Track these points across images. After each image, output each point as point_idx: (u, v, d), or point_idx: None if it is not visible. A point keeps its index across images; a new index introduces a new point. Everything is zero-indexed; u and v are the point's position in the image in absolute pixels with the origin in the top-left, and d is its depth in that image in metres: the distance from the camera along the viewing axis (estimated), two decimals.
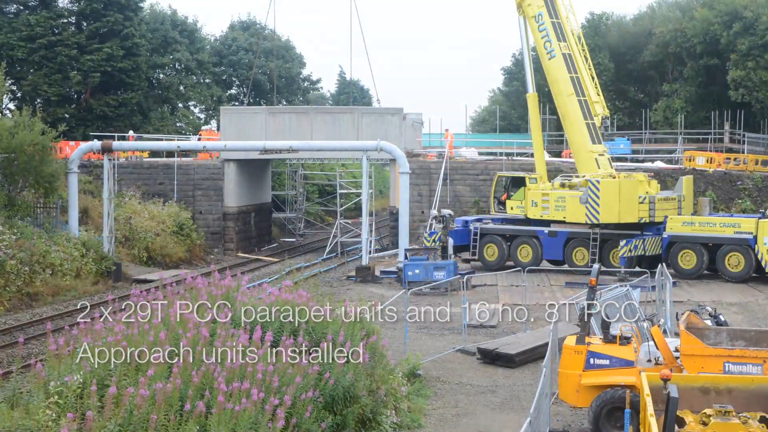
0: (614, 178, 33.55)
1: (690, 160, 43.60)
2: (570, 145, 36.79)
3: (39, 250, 30.91)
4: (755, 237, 30.92)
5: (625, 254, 31.79)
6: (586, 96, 34.64)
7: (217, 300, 15.08)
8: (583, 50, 35.70)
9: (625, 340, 15.17)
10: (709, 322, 15.94)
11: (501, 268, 33.32)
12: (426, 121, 55.40)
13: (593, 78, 35.45)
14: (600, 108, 34.86)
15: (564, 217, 33.85)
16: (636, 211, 32.66)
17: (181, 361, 12.04)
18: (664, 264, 27.49)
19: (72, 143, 43.82)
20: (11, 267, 28.96)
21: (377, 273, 35.38)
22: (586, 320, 15.74)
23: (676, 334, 16.17)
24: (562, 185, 34.97)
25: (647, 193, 33.38)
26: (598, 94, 35.25)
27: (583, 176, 34.06)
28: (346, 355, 13.79)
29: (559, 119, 43.79)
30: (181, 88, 67.94)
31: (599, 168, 34.04)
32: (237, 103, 75.73)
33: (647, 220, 32.85)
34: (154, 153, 47.63)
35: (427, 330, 25.03)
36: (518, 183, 36.41)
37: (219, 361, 12.36)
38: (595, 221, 32.54)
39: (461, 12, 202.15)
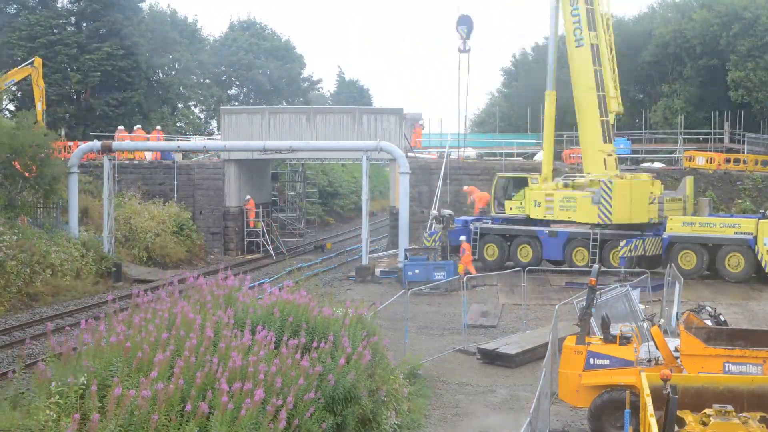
0: (622, 179, 33.57)
1: (690, 160, 43.58)
2: (580, 140, 36.51)
3: (39, 251, 30.90)
4: (755, 237, 30.92)
5: (625, 254, 31.80)
6: (605, 92, 34.38)
7: (219, 300, 15.11)
8: (610, 39, 35.13)
9: (625, 340, 15.19)
10: (709, 322, 15.96)
11: (501, 268, 33.33)
12: (426, 122, 55.45)
13: (614, 71, 35.03)
14: (615, 104, 34.62)
15: (569, 217, 33.83)
16: (646, 212, 32.80)
17: (183, 362, 12.03)
18: (672, 264, 27.51)
19: (71, 143, 43.81)
20: (11, 267, 28.96)
21: (377, 273, 35.39)
22: (586, 320, 15.76)
23: (678, 334, 16.17)
24: (566, 185, 34.95)
25: (652, 193, 33.46)
26: (616, 89, 34.86)
27: (588, 175, 34.03)
28: (347, 355, 13.81)
29: (562, 117, 43.54)
30: (181, 88, 67.96)
31: (606, 168, 34.00)
32: (237, 104, 75.75)
33: (657, 221, 32.98)
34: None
35: (427, 330, 25.06)
36: (520, 183, 36.40)
37: (223, 361, 12.35)
38: (608, 221, 32.57)
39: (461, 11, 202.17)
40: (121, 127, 46.71)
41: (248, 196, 45.11)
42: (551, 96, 36.60)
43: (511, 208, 36.09)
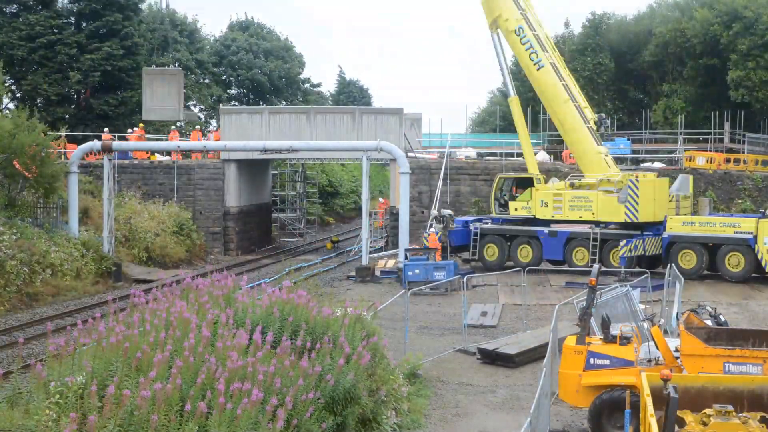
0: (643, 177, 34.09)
1: (690, 160, 43.59)
2: (573, 149, 37.04)
3: (39, 251, 30.90)
4: (755, 237, 30.91)
5: (625, 254, 31.81)
6: (578, 102, 35.19)
7: (218, 300, 15.09)
8: (561, 59, 36.41)
9: (625, 340, 15.17)
10: (709, 322, 15.95)
11: (501, 268, 33.32)
12: (426, 121, 55.45)
13: (575, 85, 36.16)
14: (589, 113, 35.46)
15: (581, 216, 34.10)
16: (666, 209, 33.33)
17: (182, 362, 12.01)
18: (672, 264, 27.56)
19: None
20: (11, 267, 28.94)
21: (377, 273, 35.37)
22: (586, 320, 15.75)
23: (678, 334, 16.16)
24: (572, 185, 35.09)
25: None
26: (584, 100, 35.90)
27: (597, 175, 34.34)
28: (347, 355, 13.79)
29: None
30: None
31: (609, 168, 34.45)
32: (237, 103, 75.77)
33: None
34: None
35: (427, 330, 25.05)
36: (525, 184, 36.44)
37: (221, 361, 12.34)
38: (635, 219, 32.83)
39: (461, 11, 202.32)
40: (106, 130, 46.30)
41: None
42: (515, 101, 37.54)
43: (516, 209, 36.08)
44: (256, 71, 75.96)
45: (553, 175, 38.61)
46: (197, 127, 52.41)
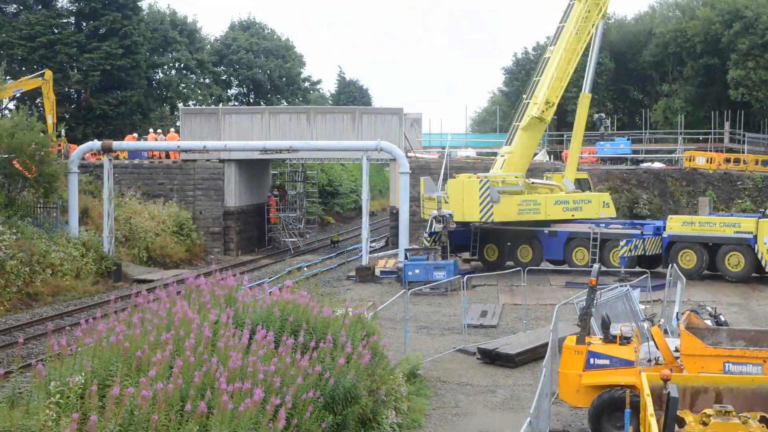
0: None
1: (690, 160, 43.60)
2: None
3: (39, 250, 30.89)
4: (755, 237, 30.92)
5: (625, 254, 31.81)
6: (532, 99, 35.17)
7: (220, 300, 15.10)
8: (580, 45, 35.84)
9: (625, 340, 15.18)
10: (709, 322, 15.95)
11: (501, 268, 33.31)
12: (426, 121, 55.49)
13: (556, 77, 35.09)
14: (535, 109, 34.85)
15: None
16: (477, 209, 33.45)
17: (183, 361, 12.02)
18: (674, 264, 27.56)
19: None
20: (11, 267, 28.94)
21: (377, 273, 35.36)
22: (586, 320, 15.75)
23: (678, 334, 16.16)
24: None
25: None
26: (551, 97, 35.01)
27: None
28: (347, 355, 13.80)
29: (557, 120, 43.82)
30: (181, 87, 67.94)
31: (501, 168, 35.41)
32: (237, 103, 75.77)
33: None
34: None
35: (427, 330, 25.05)
36: None
37: (222, 361, 12.35)
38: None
39: (461, 10, 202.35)
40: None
41: (269, 193, 47.82)
42: (587, 98, 37.16)
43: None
44: (257, 71, 75.95)
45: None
46: (171, 129, 52.56)
